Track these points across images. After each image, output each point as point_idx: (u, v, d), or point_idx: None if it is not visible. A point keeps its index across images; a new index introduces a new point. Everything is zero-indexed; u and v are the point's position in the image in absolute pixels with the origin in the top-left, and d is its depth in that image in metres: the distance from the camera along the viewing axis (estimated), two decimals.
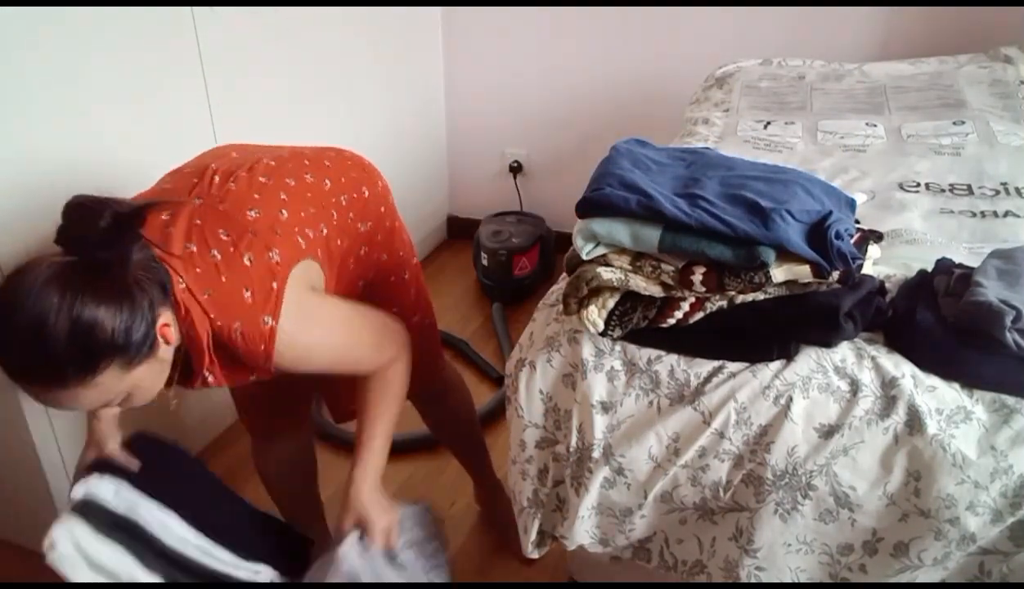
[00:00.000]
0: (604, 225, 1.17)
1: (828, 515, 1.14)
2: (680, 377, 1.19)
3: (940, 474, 1.08)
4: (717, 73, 2.43)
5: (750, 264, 1.10)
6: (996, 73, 2.18)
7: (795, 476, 1.13)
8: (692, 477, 1.20)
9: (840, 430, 1.12)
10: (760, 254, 1.09)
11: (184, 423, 2.14)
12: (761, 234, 1.09)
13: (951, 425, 1.09)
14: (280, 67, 2.24)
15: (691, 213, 1.12)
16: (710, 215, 1.11)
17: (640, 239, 1.15)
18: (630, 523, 1.26)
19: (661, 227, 1.13)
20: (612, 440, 1.22)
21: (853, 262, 1.13)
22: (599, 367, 1.22)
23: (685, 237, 1.12)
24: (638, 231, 1.15)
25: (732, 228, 1.10)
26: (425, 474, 2.16)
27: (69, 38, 1.63)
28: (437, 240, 3.38)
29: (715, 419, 1.16)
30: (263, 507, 1.55)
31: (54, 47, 1.60)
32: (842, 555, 1.16)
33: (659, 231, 1.13)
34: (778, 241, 1.09)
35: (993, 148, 1.82)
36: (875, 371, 1.14)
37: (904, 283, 1.29)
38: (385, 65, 2.76)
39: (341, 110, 2.55)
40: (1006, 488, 1.07)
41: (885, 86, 2.19)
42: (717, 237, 1.11)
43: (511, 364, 1.32)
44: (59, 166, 1.66)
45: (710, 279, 1.13)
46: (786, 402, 1.13)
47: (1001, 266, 1.21)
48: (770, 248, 1.10)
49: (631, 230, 1.15)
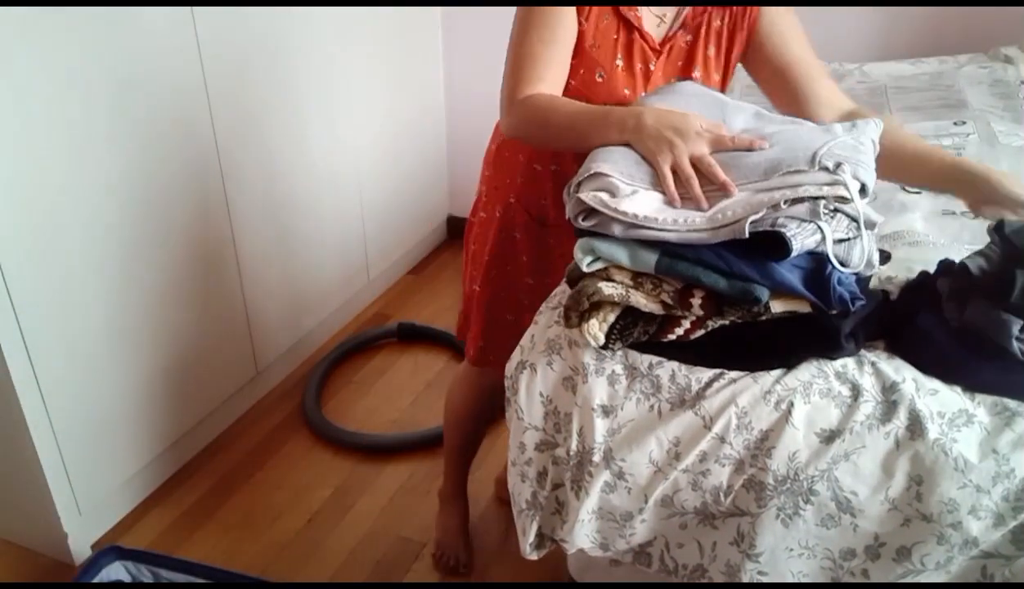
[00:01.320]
0: (603, 243, 1.16)
1: (830, 520, 1.14)
2: (681, 381, 1.18)
3: (942, 478, 1.08)
4: None
5: (744, 298, 1.10)
6: (996, 73, 2.18)
7: (796, 481, 1.13)
8: (693, 482, 1.19)
9: (841, 435, 1.11)
10: (754, 291, 1.09)
11: (184, 423, 2.14)
12: (757, 275, 1.09)
13: (953, 429, 1.09)
14: (280, 67, 2.24)
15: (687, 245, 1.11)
16: (707, 248, 1.10)
17: (638, 260, 1.14)
18: (630, 527, 1.26)
19: (659, 251, 1.13)
20: (613, 444, 1.22)
21: (854, 304, 1.12)
22: (600, 371, 1.22)
23: (681, 262, 1.12)
24: (636, 252, 1.14)
25: (728, 264, 1.09)
26: (425, 474, 2.16)
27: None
28: (437, 240, 3.38)
29: (716, 424, 1.15)
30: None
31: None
32: (844, 560, 1.16)
33: (656, 255, 1.13)
34: (774, 284, 1.09)
35: (994, 148, 1.82)
36: (876, 376, 1.13)
37: (905, 285, 1.29)
38: (385, 65, 2.75)
39: (341, 110, 2.54)
40: (1008, 492, 1.07)
41: (886, 86, 2.18)
42: (712, 268, 1.10)
43: (511, 366, 1.32)
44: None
45: (709, 304, 1.12)
46: (787, 407, 1.13)
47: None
48: (764, 287, 1.09)
49: (629, 250, 1.15)
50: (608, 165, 1.17)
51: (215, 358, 2.19)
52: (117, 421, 1.92)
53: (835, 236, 1.10)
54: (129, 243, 1.85)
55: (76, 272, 1.75)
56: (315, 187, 2.48)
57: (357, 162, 2.66)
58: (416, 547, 1.94)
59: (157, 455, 2.07)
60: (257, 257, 2.27)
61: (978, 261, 1.20)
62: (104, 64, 1.72)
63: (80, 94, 1.68)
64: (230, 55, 2.04)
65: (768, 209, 1.08)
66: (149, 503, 2.07)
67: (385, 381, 2.54)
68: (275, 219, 2.33)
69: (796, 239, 1.07)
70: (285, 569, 1.89)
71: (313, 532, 1.99)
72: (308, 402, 2.37)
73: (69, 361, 1.77)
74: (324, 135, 2.48)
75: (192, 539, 1.97)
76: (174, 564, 1.69)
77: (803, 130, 1.21)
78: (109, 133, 1.76)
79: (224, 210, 2.12)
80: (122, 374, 1.91)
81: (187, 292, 2.05)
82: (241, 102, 2.11)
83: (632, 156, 1.20)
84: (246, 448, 2.26)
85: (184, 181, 1.98)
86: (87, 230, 1.75)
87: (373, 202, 2.79)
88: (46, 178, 1.65)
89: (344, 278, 2.73)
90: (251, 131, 2.17)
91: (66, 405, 1.77)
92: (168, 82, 1.88)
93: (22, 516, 1.89)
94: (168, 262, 1.97)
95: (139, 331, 1.93)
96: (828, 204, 1.10)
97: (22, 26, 1.54)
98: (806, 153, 1.11)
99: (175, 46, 1.89)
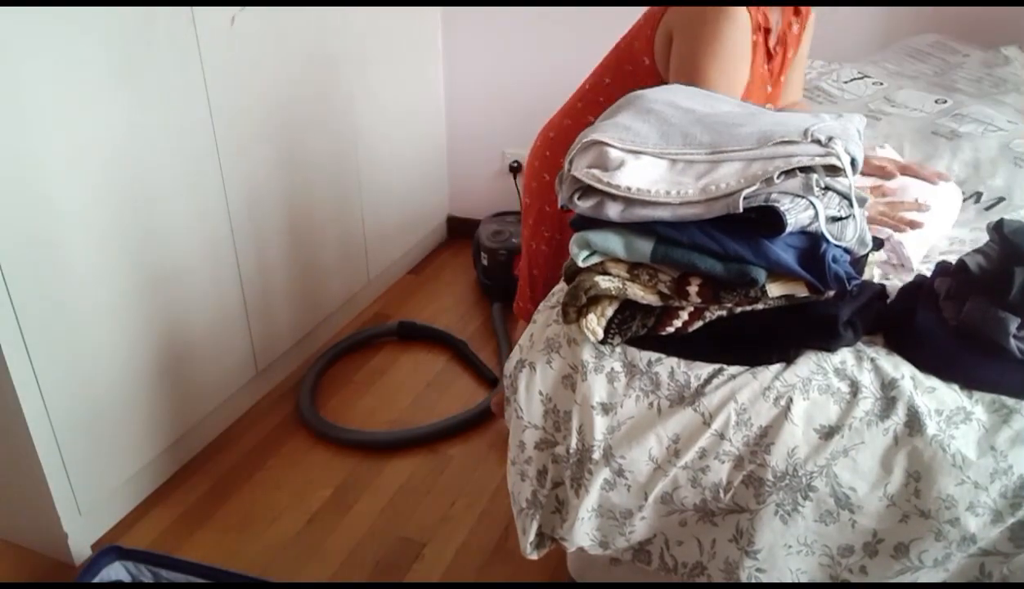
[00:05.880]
0: (598, 235, 1.16)
1: (828, 516, 1.14)
2: (680, 379, 1.19)
3: (940, 475, 1.08)
4: None
5: (741, 280, 1.10)
6: (996, 74, 2.18)
7: (795, 477, 1.13)
8: (692, 478, 1.20)
9: (840, 431, 1.12)
10: (750, 272, 1.09)
11: (184, 422, 2.14)
12: (752, 254, 1.09)
13: (951, 426, 1.09)
14: (280, 67, 2.24)
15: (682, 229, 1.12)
16: (701, 231, 1.10)
17: (634, 250, 1.14)
18: (630, 525, 1.26)
19: (654, 239, 1.13)
20: (612, 441, 1.22)
21: (850, 283, 1.12)
22: (599, 368, 1.22)
23: (677, 249, 1.12)
24: (631, 242, 1.14)
25: (723, 246, 1.09)
26: (425, 474, 2.16)
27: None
28: (437, 240, 3.38)
29: (715, 420, 1.16)
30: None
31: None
32: (843, 556, 1.16)
33: (652, 243, 1.13)
34: (769, 263, 1.09)
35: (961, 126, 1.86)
36: (875, 372, 1.14)
37: (903, 286, 1.30)
38: (385, 65, 2.75)
39: (341, 110, 2.55)
40: (1006, 489, 1.07)
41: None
42: (708, 252, 1.11)
43: (510, 365, 1.32)
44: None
45: (706, 291, 1.13)
46: (786, 403, 1.13)
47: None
48: (761, 268, 1.10)
49: (624, 240, 1.15)
50: (600, 133, 1.17)
51: (215, 358, 2.19)
52: (117, 421, 1.92)
53: (828, 213, 1.11)
54: (129, 243, 1.86)
55: (76, 272, 1.75)
56: (315, 187, 2.48)
57: (357, 162, 2.67)
58: (416, 547, 1.94)
59: (157, 455, 2.07)
60: (257, 257, 2.27)
61: (977, 259, 1.21)
62: (101, 63, 1.72)
63: (79, 94, 1.68)
64: (230, 56, 2.04)
65: (761, 184, 1.07)
66: (149, 503, 2.07)
67: (385, 381, 2.54)
68: (276, 219, 2.33)
69: (790, 214, 1.07)
70: (285, 569, 1.89)
71: (313, 532, 1.99)
72: (303, 400, 2.37)
73: (69, 361, 1.77)
74: (324, 135, 2.48)
75: (192, 539, 1.97)
76: (174, 564, 1.69)
77: (791, 114, 1.23)
78: (108, 132, 1.76)
79: (224, 210, 2.12)
80: (122, 373, 1.91)
81: (187, 291, 2.05)
82: (240, 102, 2.11)
83: (633, 114, 1.20)
84: (246, 448, 2.26)
85: (184, 180, 1.98)
86: (87, 230, 1.76)
87: (373, 202, 2.79)
88: (46, 178, 1.65)
89: (344, 278, 2.73)
90: (250, 131, 2.17)
91: (66, 405, 1.77)
92: (167, 81, 1.89)
93: (22, 516, 1.89)
94: (168, 261, 1.97)
95: (139, 330, 1.93)
96: (820, 180, 1.10)
97: (21, 25, 1.54)
98: (798, 128, 1.12)
99: (175, 47, 1.89)
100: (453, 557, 1.91)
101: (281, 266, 2.39)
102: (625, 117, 1.20)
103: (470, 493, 2.07)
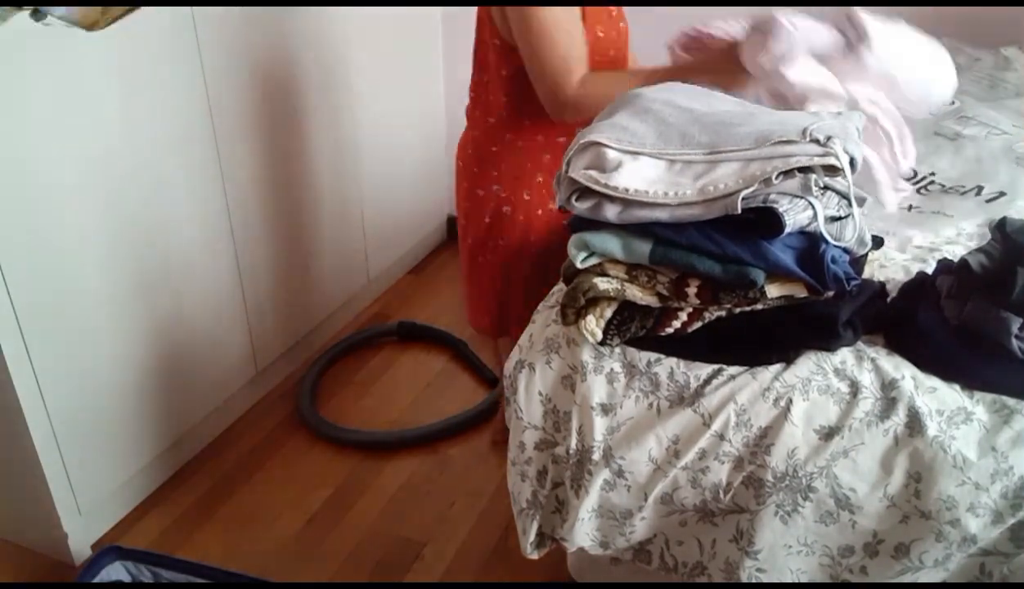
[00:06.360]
0: (596, 236, 1.16)
1: (828, 517, 1.14)
2: (680, 379, 1.18)
3: (940, 475, 1.08)
4: None
5: (740, 281, 1.10)
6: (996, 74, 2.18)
7: (795, 478, 1.13)
8: (692, 479, 1.19)
9: (840, 432, 1.11)
10: (749, 273, 1.09)
11: (184, 422, 2.14)
12: (750, 255, 1.09)
13: (951, 426, 1.09)
14: (280, 68, 2.24)
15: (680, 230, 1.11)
16: (700, 232, 1.10)
17: (632, 251, 1.14)
18: (630, 525, 1.26)
19: (652, 240, 1.13)
20: (612, 442, 1.22)
21: (849, 283, 1.12)
22: (599, 369, 1.22)
23: (675, 251, 1.12)
24: (630, 243, 1.14)
25: (722, 247, 1.09)
26: (425, 474, 2.16)
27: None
28: (437, 240, 3.38)
29: (715, 421, 1.15)
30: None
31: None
32: (843, 557, 1.16)
33: (650, 244, 1.13)
34: (768, 264, 1.09)
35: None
36: (875, 373, 1.13)
37: (904, 285, 1.29)
38: (385, 65, 2.75)
39: (341, 110, 2.54)
40: (1007, 489, 1.07)
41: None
42: (707, 253, 1.10)
43: (510, 365, 1.32)
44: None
45: (705, 292, 1.13)
46: (786, 404, 1.13)
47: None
48: (759, 269, 1.09)
49: (623, 242, 1.15)
50: (598, 133, 1.16)
51: (215, 358, 2.19)
52: (117, 421, 1.92)
53: (826, 213, 1.11)
54: (129, 243, 1.86)
55: (76, 272, 1.75)
56: (315, 187, 2.48)
57: (357, 162, 2.66)
58: (416, 547, 1.94)
59: (157, 455, 2.07)
60: (257, 257, 2.27)
61: (979, 258, 1.20)
62: (105, 65, 1.72)
63: (79, 93, 1.68)
64: (230, 57, 2.04)
65: (760, 184, 1.07)
66: (149, 503, 2.07)
67: (385, 381, 2.54)
68: (275, 219, 2.33)
69: (788, 215, 1.07)
70: (285, 569, 1.89)
71: (313, 532, 1.99)
72: (303, 399, 2.37)
73: (69, 361, 1.77)
74: (324, 135, 2.48)
75: (192, 539, 1.97)
76: (174, 564, 1.69)
77: (789, 113, 1.22)
78: (109, 133, 1.76)
79: (224, 210, 2.12)
80: (122, 374, 1.91)
81: (187, 292, 2.05)
82: (241, 102, 2.11)
83: (630, 113, 1.20)
84: (246, 448, 2.26)
85: (185, 181, 1.98)
86: (87, 230, 1.76)
87: (373, 202, 2.78)
88: (46, 178, 1.65)
89: (344, 278, 2.73)
90: (251, 131, 2.17)
91: (66, 405, 1.77)
92: (169, 83, 1.88)
93: (22, 516, 1.89)
94: (168, 261, 1.97)
95: (139, 330, 1.93)
96: (818, 180, 1.10)
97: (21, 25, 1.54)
98: (797, 127, 1.12)
99: (176, 48, 1.89)
100: (453, 557, 1.91)
101: (281, 266, 2.39)
102: (623, 117, 1.19)
103: (470, 493, 2.07)
